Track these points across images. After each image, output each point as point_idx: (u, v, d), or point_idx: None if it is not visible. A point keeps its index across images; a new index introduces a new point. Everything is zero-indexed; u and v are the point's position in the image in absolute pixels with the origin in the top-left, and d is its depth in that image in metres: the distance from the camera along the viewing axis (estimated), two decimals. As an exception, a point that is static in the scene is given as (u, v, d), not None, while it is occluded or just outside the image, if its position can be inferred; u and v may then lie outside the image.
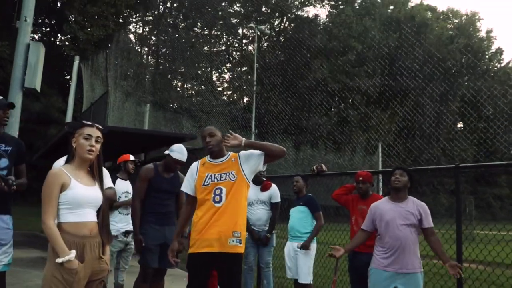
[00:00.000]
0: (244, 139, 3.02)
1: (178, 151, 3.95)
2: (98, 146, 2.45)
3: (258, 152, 3.02)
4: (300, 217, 4.81)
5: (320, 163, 5.07)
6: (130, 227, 4.65)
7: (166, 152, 3.99)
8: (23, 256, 7.62)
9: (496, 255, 3.70)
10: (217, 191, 2.92)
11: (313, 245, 4.77)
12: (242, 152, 3.09)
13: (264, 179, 5.21)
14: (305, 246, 4.65)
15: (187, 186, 3.10)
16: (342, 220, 6.06)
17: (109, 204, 2.85)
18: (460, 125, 26.18)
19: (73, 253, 2.21)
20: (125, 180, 4.83)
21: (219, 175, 2.96)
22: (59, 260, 2.18)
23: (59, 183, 2.29)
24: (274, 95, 20.37)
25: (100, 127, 2.48)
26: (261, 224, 5.13)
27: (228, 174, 2.96)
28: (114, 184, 3.71)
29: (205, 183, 2.96)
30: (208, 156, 3.10)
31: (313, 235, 4.71)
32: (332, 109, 26.16)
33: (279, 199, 5.29)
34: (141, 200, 3.93)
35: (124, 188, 4.66)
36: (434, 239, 3.23)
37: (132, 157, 4.87)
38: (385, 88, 19.61)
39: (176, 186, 4.03)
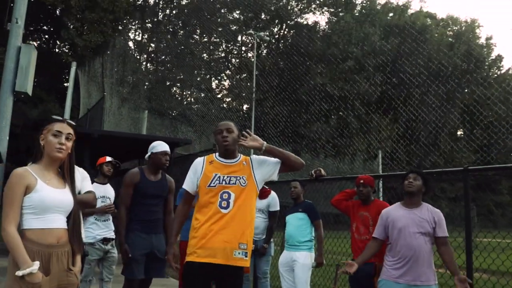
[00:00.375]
0: (265, 142, 2.74)
1: (158, 145, 3.76)
2: (70, 144, 2.19)
3: (274, 159, 2.74)
4: (298, 225, 4.55)
5: (319, 167, 4.88)
6: (109, 234, 4.39)
7: (147, 155, 3.78)
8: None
9: (511, 266, 3.44)
10: (224, 196, 2.62)
11: (311, 255, 4.52)
12: (255, 157, 2.81)
13: (265, 186, 4.97)
14: (320, 264, 4.45)
15: (188, 183, 2.77)
16: (342, 227, 5.84)
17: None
18: (460, 132, 25.98)
19: (36, 265, 1.94)
20: (103, 184, 4.54)
21: (228, 178, 2.66)
22: (19, 273, 1.91)
23: (23, 185, 2.03)
24: (271, 96, 20.21)
25: (72, 123, 2.22)
26: (258, 233, 4.89)
27: (238, 178, 2.66)
28: None
29: (211, 184, 2.65)
30: (217, 154, 2.80)
31: (321, 247, 4.49)
32: (333, 116, 25.94)
33: (278, 208, 5.07)
34: (127, 208, 3.69)
35: (101, 192, 4.36)
36: (446, 249, 2.98)
37: (108, 159, 4.60)
38: (387, 86, 19.39)
39: (164, 190, 3.80)
